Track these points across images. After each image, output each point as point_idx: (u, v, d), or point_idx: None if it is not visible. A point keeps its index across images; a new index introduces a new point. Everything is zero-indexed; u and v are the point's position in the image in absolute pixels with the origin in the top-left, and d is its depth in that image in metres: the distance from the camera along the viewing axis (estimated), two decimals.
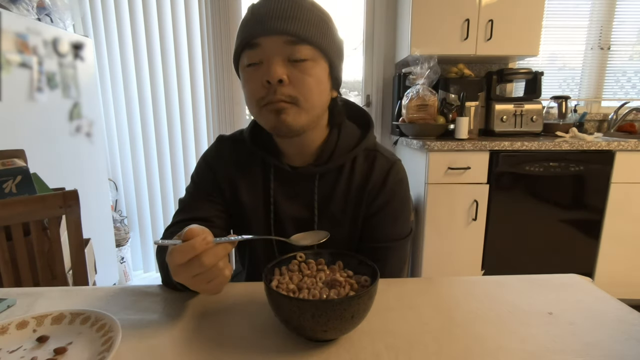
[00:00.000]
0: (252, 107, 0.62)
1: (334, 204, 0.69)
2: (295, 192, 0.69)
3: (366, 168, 0.69)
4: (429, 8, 1.97)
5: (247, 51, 0.59)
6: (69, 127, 1.74)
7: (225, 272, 0.46)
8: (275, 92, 0.57)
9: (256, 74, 0.58)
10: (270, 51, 0.57)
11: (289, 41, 0.57)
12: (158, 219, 2.40)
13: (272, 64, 0.56)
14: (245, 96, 0.63)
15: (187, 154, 2.31)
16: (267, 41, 0.57)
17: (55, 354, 0.44)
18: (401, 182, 0.70)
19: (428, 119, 1.95)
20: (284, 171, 0.68)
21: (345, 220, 0.69)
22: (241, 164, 0.71)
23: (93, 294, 0.61)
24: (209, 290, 0.46)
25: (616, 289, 1.53)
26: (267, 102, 0.58)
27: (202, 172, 0.73)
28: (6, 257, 0.93)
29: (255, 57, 0.58)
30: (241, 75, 0.63)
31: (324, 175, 0.69)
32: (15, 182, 1.10)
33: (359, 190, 0.69)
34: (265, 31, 0.56)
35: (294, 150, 0.68)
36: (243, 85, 0.62)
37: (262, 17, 0.57)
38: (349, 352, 0.45)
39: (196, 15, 2.15)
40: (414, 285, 0.63)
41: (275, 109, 0.58)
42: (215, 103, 2.26)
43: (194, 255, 0.42)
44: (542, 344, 0.46)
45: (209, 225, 0.67)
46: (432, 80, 1.96)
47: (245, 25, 0.59)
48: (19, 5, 1.48)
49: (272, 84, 0.57)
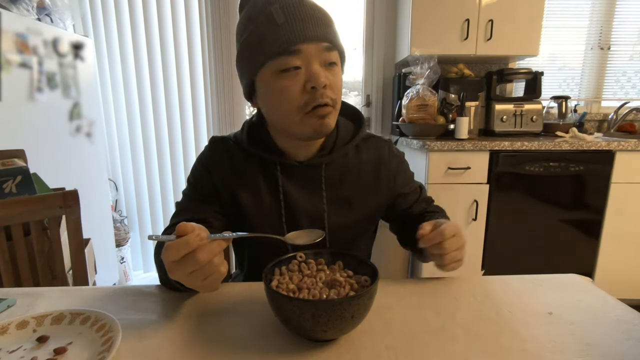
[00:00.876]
0: (291, 114, 0.60)
1: (345, 187, 0.71)
2: (305, 184, 0.70)
3: (369, 147, 0.75)
4: (429, 8, 1.97)
5: (283, 57, 0.57)
6: (69, 127, 1.74)
7: (221, 269, 0.46)
8: (322, 96, 0.58)
9: (296, 80, 0.58)
10: (311, 57, 0.58)
11: (326, 47, 0.59)
12: (158, 219, 2.40)
13: (316, 69, 0.58)
14: (275, 104, 0.61)
15: (187, 154, 2.31)
16: (309, 48, 0.57)
17: (55, 354, 0.44)
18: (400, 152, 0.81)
19: (428, 119, 1.95)
20: (290, 166, 0.69)
21: (358, 201, 0.72)
22: (238, 166, 0.71)
23: (93, 294, 0.61)
24: (205, 287, 0.46)
25: (616, 289, 1.53)
26: (312, 107, 0.59)
27: (198, 174, 0.72)
28: (6, 257, 0.93)
29: (294, 62, 0.57)
30: (269, 82, 0.60)
31: (329, 164, 0.70)
32: (15, 182, 1.10)
33: (371, 167, 0.74)
34: (309, 38, 0.57)
35: (300, 148, 0.69)
36: (273, 93, 0.60)
37: (302, 23, 0.57)
38: (349, 352, 0.45)
39: (196, 15, 2.15)
40: (414, 285, 0.63)
41: (322, 113, 0.59)
42: (215, 103, 2.26)
43: (188, 252, 0.42)
44: (542, 344, 0.46)
45: (206, 227, 0.67)
46: (432, 80, 1.96)
47: (278, 29, 0.57)
48: (19, 5, 1.48)
49: (318, 89, 0.57)
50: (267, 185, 0.70)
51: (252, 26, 0.59)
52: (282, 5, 0.57)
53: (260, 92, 0.63)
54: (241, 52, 0.63)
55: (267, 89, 0.61)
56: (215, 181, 0.70)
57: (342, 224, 0.71)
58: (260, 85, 0.62)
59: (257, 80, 0.62)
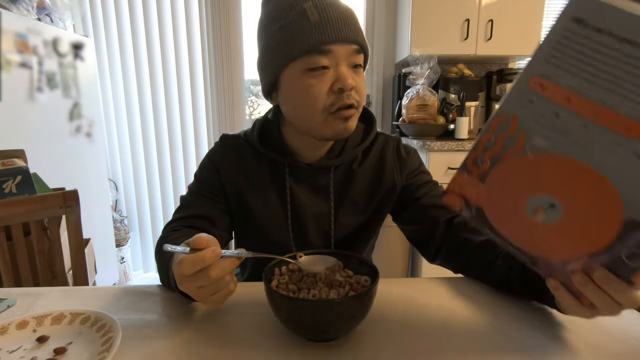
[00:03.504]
0: (315, 114, 0.59)
1: (352, 189, 0.70)
2: (312, 186, 0.70)
3: (377, 146, 0.73)
4: (429, 8, 1.97)
5: (314, 55, 0.57)
6: (69, 127, 1.74)
7: (230, 286, 0.45)
8: (349, 98, 0.58)
9: (323, 79, 0.58)
10: (340, 58, 0.58)
11: (355, 50, 0.59)
12: (158, 219, 2.40)
13: (345, 71, 0.58)
14: (300, 102, 0.60)
15: (187, 154, 2.31)
16: (340, 49, 0.57)
17: (55, 354, 0.44)
18: (409, 147, 0.77)
19: (428, 119, 1.96)
20: (299, 168, 0.69)
21: (367, 205, 0.72)
22: (247, 165, 0.70)
23: (93, 294, 0.61)
24: (211, 302, 0.46)
25: None
26: (337, 108, 0.58)
27: (206, 171, 0.72)
28: (6, 257, 0.93)
29: (323, 62, 0.57)
30: (296, 79, 0.59)
31: (338, 167, 0.70)
32: (15, 182, 1.10)
33: (378, 166, 0.72)
34: (340, 39, 0.57)
35: (311, 149, 0.69)
36: (299, 91, 0.59)
37: (336, 24, 0.56)
38: (349, 352, 0.45)
39: (196, 15, 2.15)
40: (414, 285, 0.63)
41: (346, 115, 0.59)
42: (215, 103, 2.26)
43: (202, 267, 0.42)
44: (542, 344, 0.46)
45: (209, 224, 0.67)
46: (432, 80, 1.96)
47: (311, 27, 0.56)
48: (19, 5, 1.48)
49: (345, 90, 0.57)
50: (274, 186, 0.70)
51: (283, 21, 0.58)
52: (316, 4, 0.57)
53: (284, 89, 0.62)
54: (268, 46, 0.61)
55: (293, 86, 0.60)
56: (223, 180, 0.70)
57: (348, 225, 0.71)
58: (285, 82, 0.61)
59: (283, 76, 0.61)
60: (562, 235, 0.38)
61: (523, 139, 0.37)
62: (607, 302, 0.38)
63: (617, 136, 0.32)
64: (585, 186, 0.35)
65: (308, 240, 0.71)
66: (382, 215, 0.76)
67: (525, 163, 0.38)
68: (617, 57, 0.30)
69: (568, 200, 0.37)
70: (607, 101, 0.31)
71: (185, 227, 0.65)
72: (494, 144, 0.40)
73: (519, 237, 0.42)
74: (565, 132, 0.34)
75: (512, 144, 0.38)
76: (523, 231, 0.41)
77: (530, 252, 0.42)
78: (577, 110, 0.33)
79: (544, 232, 0.39)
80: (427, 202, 0.71)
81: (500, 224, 0.43)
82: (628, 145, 0.31)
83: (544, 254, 0.41)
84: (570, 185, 0.36)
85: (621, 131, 0.31)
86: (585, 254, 0.38)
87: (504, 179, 0.40)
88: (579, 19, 0.31)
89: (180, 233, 0.62)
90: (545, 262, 0.41)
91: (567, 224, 0.37)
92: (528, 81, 0.36)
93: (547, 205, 0.38)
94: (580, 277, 0.39)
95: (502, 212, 0.42)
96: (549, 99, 0.35)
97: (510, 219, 0.42)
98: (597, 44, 0.31)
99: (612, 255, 0.36)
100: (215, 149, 0.74)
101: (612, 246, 0.35)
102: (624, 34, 0.29)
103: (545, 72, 0.34)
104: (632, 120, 0.31)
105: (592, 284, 0.38)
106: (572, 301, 0.41)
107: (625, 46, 0.29)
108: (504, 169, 0.40)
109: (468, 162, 0.43)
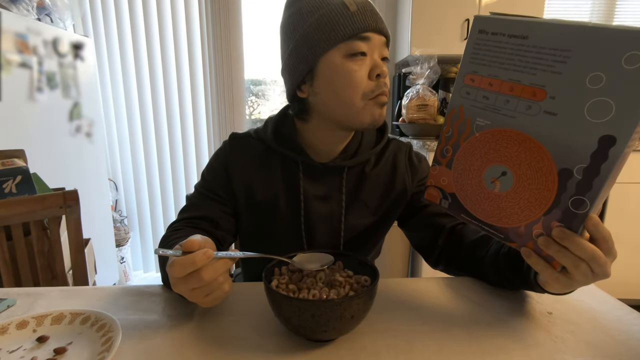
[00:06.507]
0: (355, 100, 0.61)
1: (363, 191, 0.71)
2: (325, 186, 0.70)
3: (389, 151, 0.75)
4: (429, 8, 1.97)
5: (355, 41, 0.59)
6: (69, 127, 1.74)
7: (225, 287, 0.45)
8: (385, 86, 0.62)
9: (362, 65, 0.60)
10: (375, 47, 0.61)
11: (384, 42, 0.62)
12: (158, 219, 2.40)
13: (379, 60, 0.61)
14: (341, 87, 0.60)
15: (187, 154, 2.31)
16: (376, 38, 0.61)
17: (55, 354, 0.44)
18: (420, 155, 0.79)
19: (428, 119, 1.95)
20: (312, 167, 0.69)
21: (378, 208, 0.72)
22: (259, 164, 0.70)
23: (93, 294, 0.61)
24: (206, 303, 0.46)
25: (616, 289, 1.53)
26: (376, 94, 0.61)
27: (213, 171, 0.71)
28: (6, 257, 0.93)
29: (363, 48, 0.60)
30: (337, 65, 0.60)
31: (351, 168, 0.71)
32: (15, 182, 1.10)
33: (389, 171, 0.73)
34: (377, 29, 0.60)
35: (327, 146, 0.69)
36: (341, 76, 0.60)
37: (372, 15, 0.60)
38: (349, 352, 0.45)
39: (196, 15, 2.15)
40: (414, 285, 0.63)
41: (383, 101, 0.62)
42: (215, 103, 2.26)
43: (193, 270, 0.42)
44: (542, 344, 0.46)
45: (212, 225, 0.67)
46: (432, 80, 1.96)
47: (352, 16, 0.59)
48: (19, 5, 1.48)
49: (382, 78, 0.60)
50: (287, 184, 0.70)
51: (322, 10, 0.60)
52: None
53: (323, 75, 0.62)
54: (306, 35, 0.61)
55: (334, 71, 0.60)
56: (231, 181, 0.70)
57: (358, 227, 0.71)
58: (325, 68, 0.61)
59: (321, 63, 0.61)
60: (519, 200, 0.45)
61: (470, 124, 0.48)
62: (572, 260, 0.41)
63: (529, 102, 0.42)
64: (522, 149, 0.44)
65: (317, 239, 0.71)
66: (391, 219, 0.76)
67: (475, 142, 0.48)
68: (511, 47, 0.43)
69: (514, 165, 0.45)
70: (515, 78, 0.43)
71: (187, 227, 0.65)
72: (452, 134, 0.50)
73: (488, 214, 0.49)
74: (495, 109, 0.45)
75: (464, 129, 0.49)
76: (490, 206, 0.48)
77: (500, 226, 0.48)
78: (498, 90, 0.45)
79: (505, 202, 0.46)
80: (434, 209, 0.72)
81: (471, 203, 0.50)
82: (537, 106, 0.42)
83: (511, 224, 0.47)
84: (511, 151, 0.45)
85: (530, 97, 0.42)
86: (541, 214, 0.44)
87: (464, 160, 0.49)
88: (482, 30, 0.45)
89: (182, 233, 0.62)
90: (514, 232, 0.47)
91: (519, 188, 0.45)
92: (463, 78, 0.48)
93: (499, 174, 0.47)
94: (543, 239, 0.43)
95: (469, 191, 0.50)
96: (478, 87, 0.46)
97: (477, 196, 0.49)
98: (497, 42, 0.44)
99: (562, 208, 0.42)
100: (223, 148, 0.72)
101: (558, 199, 0.42)
102: (510, 32, 0.43)
103: (472, 69, 0.46)
104: (535, 87, 0.41)
105: (555, 243, 0.42)
106: (545, 267, 0.44)
107: (513, 39, 0.43)
108: (462, 152, 0.50)
109: (437, 155, 0.52)
